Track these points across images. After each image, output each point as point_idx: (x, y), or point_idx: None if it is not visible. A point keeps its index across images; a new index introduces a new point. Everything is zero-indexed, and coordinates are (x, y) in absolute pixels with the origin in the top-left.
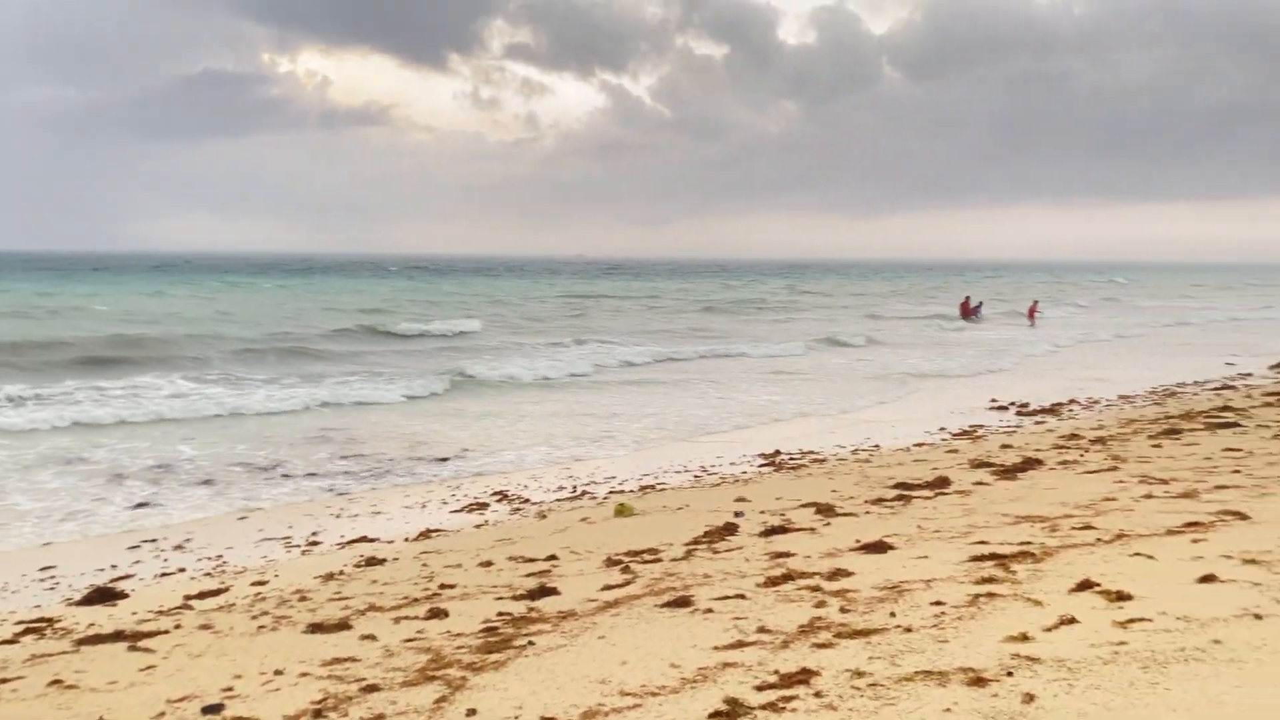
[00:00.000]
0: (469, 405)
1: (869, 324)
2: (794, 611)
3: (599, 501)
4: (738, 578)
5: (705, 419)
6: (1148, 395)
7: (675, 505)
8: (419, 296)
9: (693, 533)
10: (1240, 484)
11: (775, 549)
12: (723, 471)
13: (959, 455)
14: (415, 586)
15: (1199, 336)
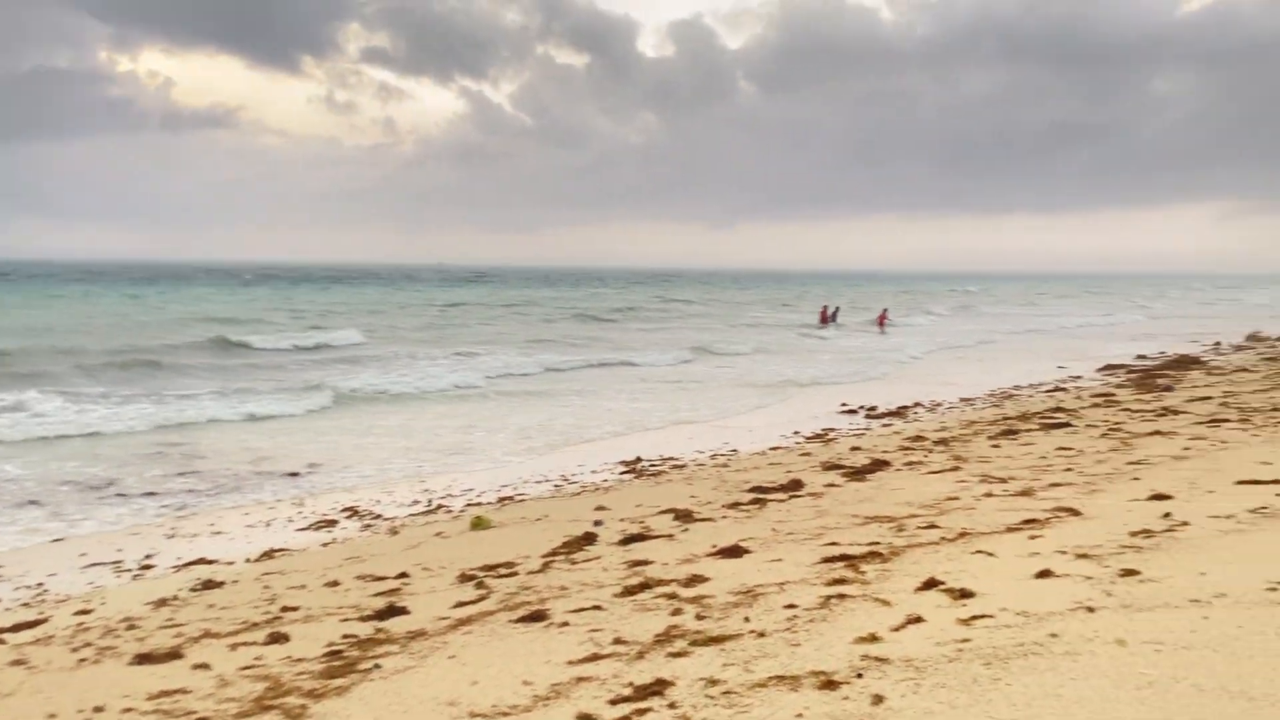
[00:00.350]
0: (325, 419)
1: (743, 332)
2: (650, 620)
3: (455, 515)
4: (595, 588)
5: (571, 428)
6: (987, 398)
7: (534, 516)
8: (275, 306)
9: (551, 544)
10: (1072, 481)
11: (633, 557)
12: (584, 480)
13: (812, 458)
14: (255, 610)
15: (1042, 342)
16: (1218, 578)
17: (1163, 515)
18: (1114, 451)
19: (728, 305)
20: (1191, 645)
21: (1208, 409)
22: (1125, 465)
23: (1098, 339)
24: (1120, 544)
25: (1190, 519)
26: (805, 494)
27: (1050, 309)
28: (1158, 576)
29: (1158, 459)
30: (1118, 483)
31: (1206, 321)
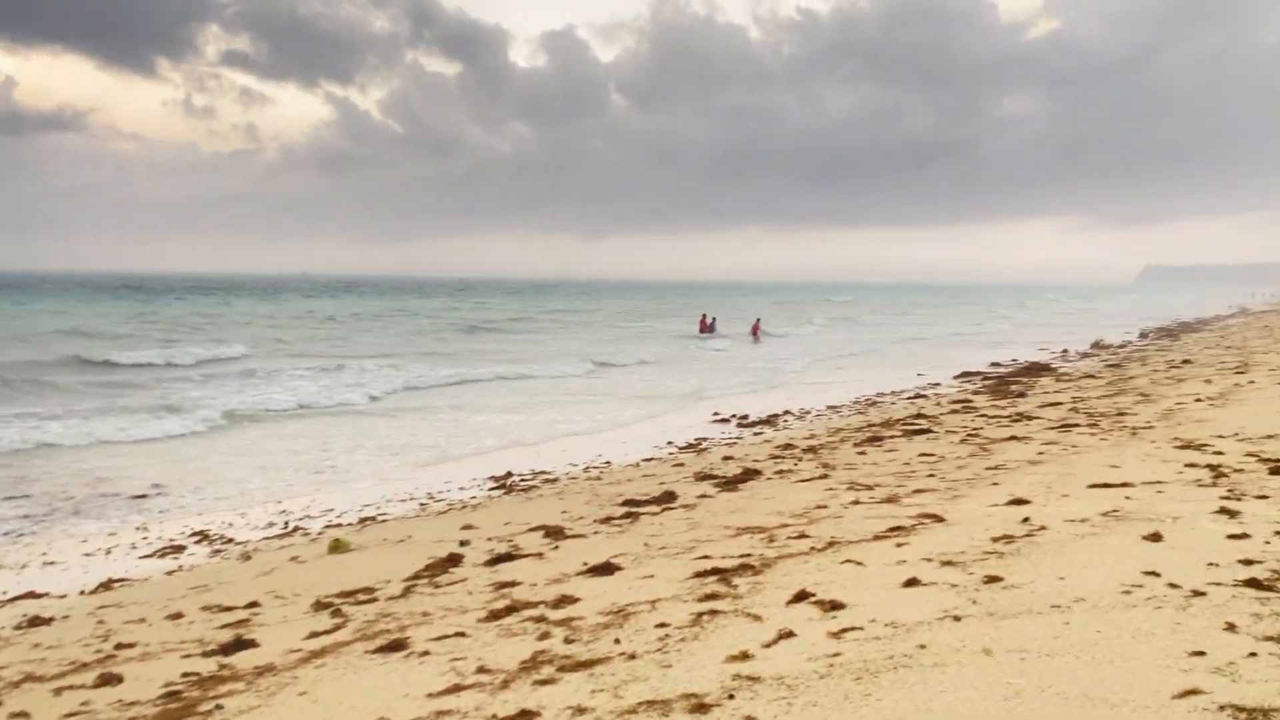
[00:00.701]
0: (185, 438)
1: (631, 343)
2: (517, 646)
3: (313, 538)
4: (459, 613)
5: (444, 443)
6: (853, 405)
7: (397, 537)
8: (131, 318)
9: (414, 566)
10: (935, 487)
11: (501, 578)
12: (451, 498)
13: (685, 469)
14: (86, 649)
15: (908, 350)
16: (1075, 582)
17: (1022, 520)
18: (973, 457)
19: (609, 316)
20: (1054, 652)
21: (1058, 414)
22: (985, 470)
23: (959, 347)
24: (983, 550)
25: (1048, 523)
26: (678, 506)
27: (921, 319)
28: (1020, 582)
29: (1015, 464)
30: (978, 488)
31: (1058, 330)
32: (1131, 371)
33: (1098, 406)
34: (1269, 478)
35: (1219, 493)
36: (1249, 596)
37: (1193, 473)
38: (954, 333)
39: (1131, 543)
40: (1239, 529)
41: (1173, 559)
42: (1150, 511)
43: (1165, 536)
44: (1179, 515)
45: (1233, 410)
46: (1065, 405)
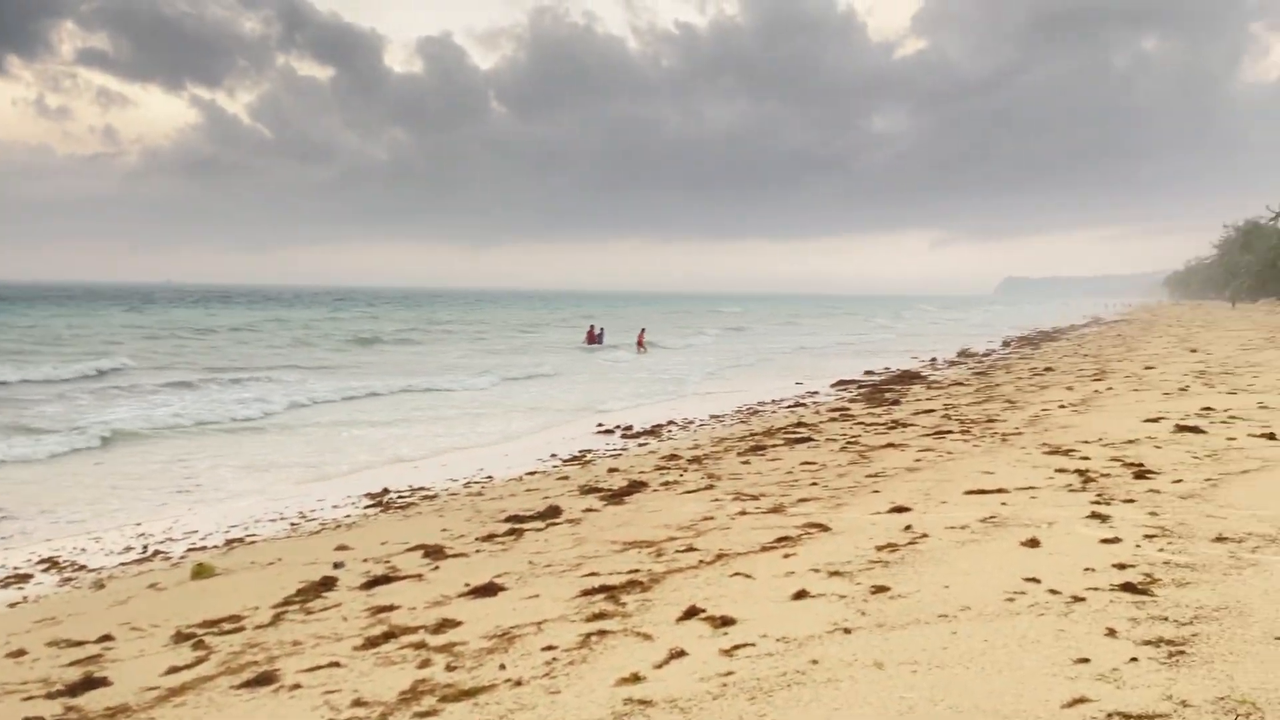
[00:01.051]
0: (28, 462)
1: (525, 354)
2: (395, 676)
3: (174, 562)
4: (333, 641)
5: (318, 461)
6: (735, 414)
7: (266, 560)
8: None
9: (284, 591)
10: (818, 495)
11: (378, 603)
12: (324, 517)
13: (569, 481)
14: None
15: (790, 360)
16: (960, 590)
17: (904, 528)
18: (854, 465)
19: (496, 327)
20: (944, 663)
21: (932, 421)
22: (865, 478)
23: (838, 357)
24: (869, 559)
25: (929, 530)
26: (563, 521)
27: (807, 329)
28: (906, 592)
29: (894, 471)
30: (860, 496)
31: (928, 339)
32: (997, 379)
33: (968, 413)
34: (1134, 482)
35: (1089, 497)
36: (1125, 601)
37: (1063, 478)
38: (839, 342)
39: (1010, 549)
40: (1110, 533)
41: (1051, 565)
42: (1026, 517)
43: (1042, 542)
44: (1054, 521)
45: (1094, 416)
46: (938, 412)
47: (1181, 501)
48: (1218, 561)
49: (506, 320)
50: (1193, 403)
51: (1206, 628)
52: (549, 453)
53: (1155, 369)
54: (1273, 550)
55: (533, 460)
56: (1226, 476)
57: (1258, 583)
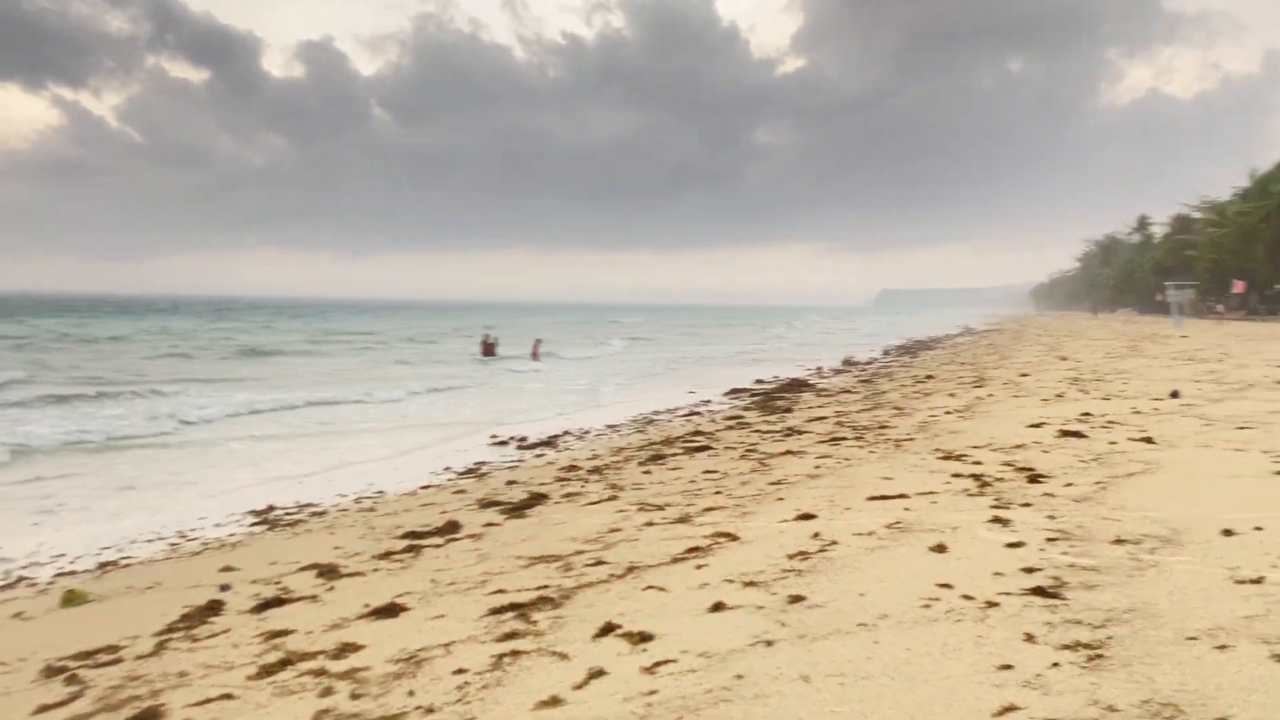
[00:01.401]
0: None
1: (415, 367)
2: (295, 707)
3: (41, 589)
4: (224, 670)
5: (199, 477)
6: (631, 423)
7: (144, 584)
8: None
9: (166, 618)
10: (723, 504)
11: (271, 627)
12: (206, 536)
13: (466, 495)
14: None
15: (686, 369)
16: (876, 598)
17: (812, 535)
18: (755, 473)
19: (386, 338)
20: (870, 674)
21: (825, 428)
22: (768, 486)
23: (730, 366)
24: (781, 568)
25: (837, 537)
26: (464, 536)
27: (707, 339)
28: (823, 601)
29: (795, 478)
30: (765, 504)
31: (815, 349)
32: (883, 386)
33: (860, 420)
34: (1028, 486)
35: (988, 501)
36: (1038, 605)
37: (960, 483)
38: (737, 351)
39: (919, 554)
40: (1014, 537)
41: (961, 570)
42: (930, 522)
43: (949, 547)
44: (957, 525)
45: (981, 422)
46: (831, 419)
47: (1076, 505)
48: (1120, 564)
49: (396, 330)
50: (1071, 408)
51: (1120, 630)
52: (442, 466)
53: (1030, 376)
54: (1169, 551)
55: (425, 474)
56: (1114, 479)
57: (1161, 584)
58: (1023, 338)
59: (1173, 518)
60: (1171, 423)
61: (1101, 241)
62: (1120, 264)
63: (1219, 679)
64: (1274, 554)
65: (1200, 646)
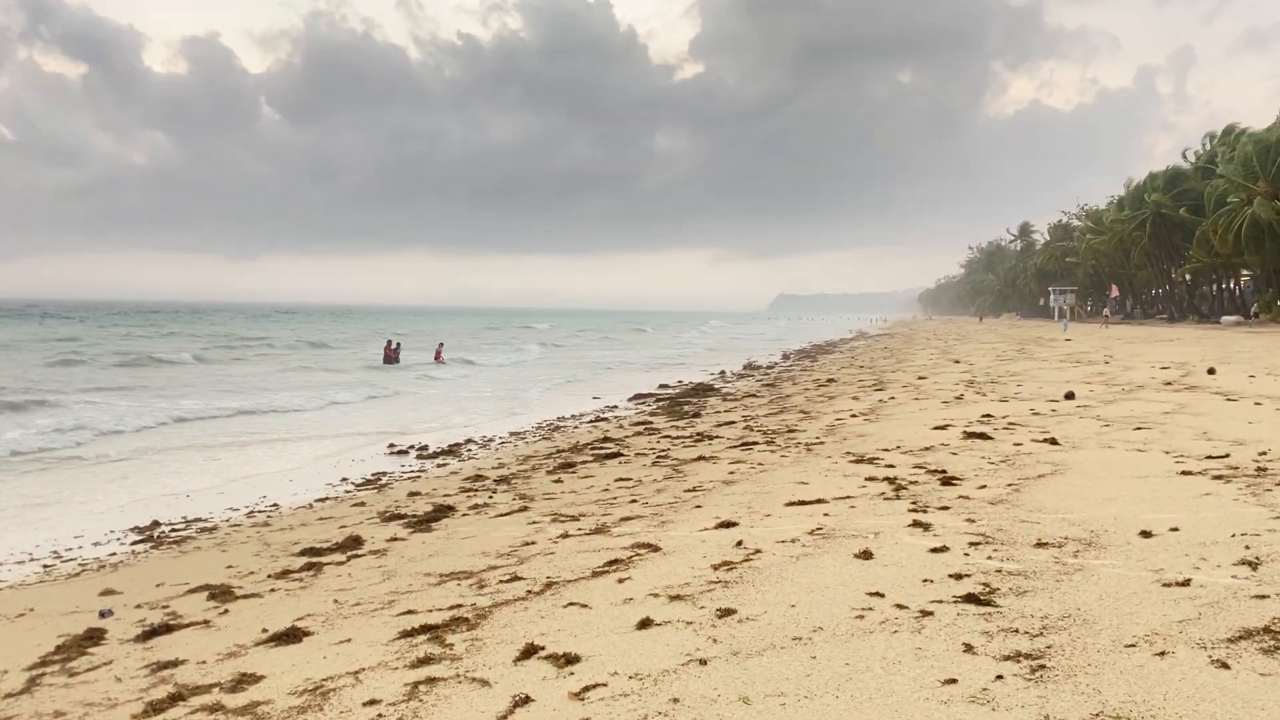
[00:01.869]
0: None
1: (309, 374)
2: None
3: None
4: (107, 709)
5: (73, 491)
6: (536, 430)
7: (14, 611)
8: None
9: (40, 649)
10: (640, 513)
11: (159, 657)
12: (83, 556)
13: (367, 508)
14: None
15: (589, 375)
16: (808, 609)
17: (735, 544)
18: (669, 480)
19: (279, 344)
20: (812, 693)
21: (735, 433)
22: (684, 493)
23: (631, 371)
24: (707, 580)
25: (761, 545)
26: (366, 552)
27: (613, 344)
28: (754, 614)
29: (710, 484)
30: (682, 512)
31: (717, 354)
32: (786, 390)
33: (769, 424)
34: (943, 489)
35: (905, 505)
36: (972, 613)
37: (875, 486)
38: (647, 356)
39: (845, 562)
40: (936, 542)
41: (889, 577)
42: (851, 528)
43: (875, 554)
44: (879, 530)
45: (886, 425)
46: (739, 424)
47: (992, 507)
48: (1046, 568)
49: (289, 335)
50: (971, 410)
51: (1058, 639)
52: (339, 477)
53: (928, 379)
54: (1092, 554)
55: (322, 485)
56: (1025, 481)
57: (1090, 588)
58: (914, 341)
59: (1089, 520)
60: (1071, 424)
61: (986, 248)
62: (1004, 270)
63: (1164, 688)
64: (1194, 555)
65: (1140, 654)
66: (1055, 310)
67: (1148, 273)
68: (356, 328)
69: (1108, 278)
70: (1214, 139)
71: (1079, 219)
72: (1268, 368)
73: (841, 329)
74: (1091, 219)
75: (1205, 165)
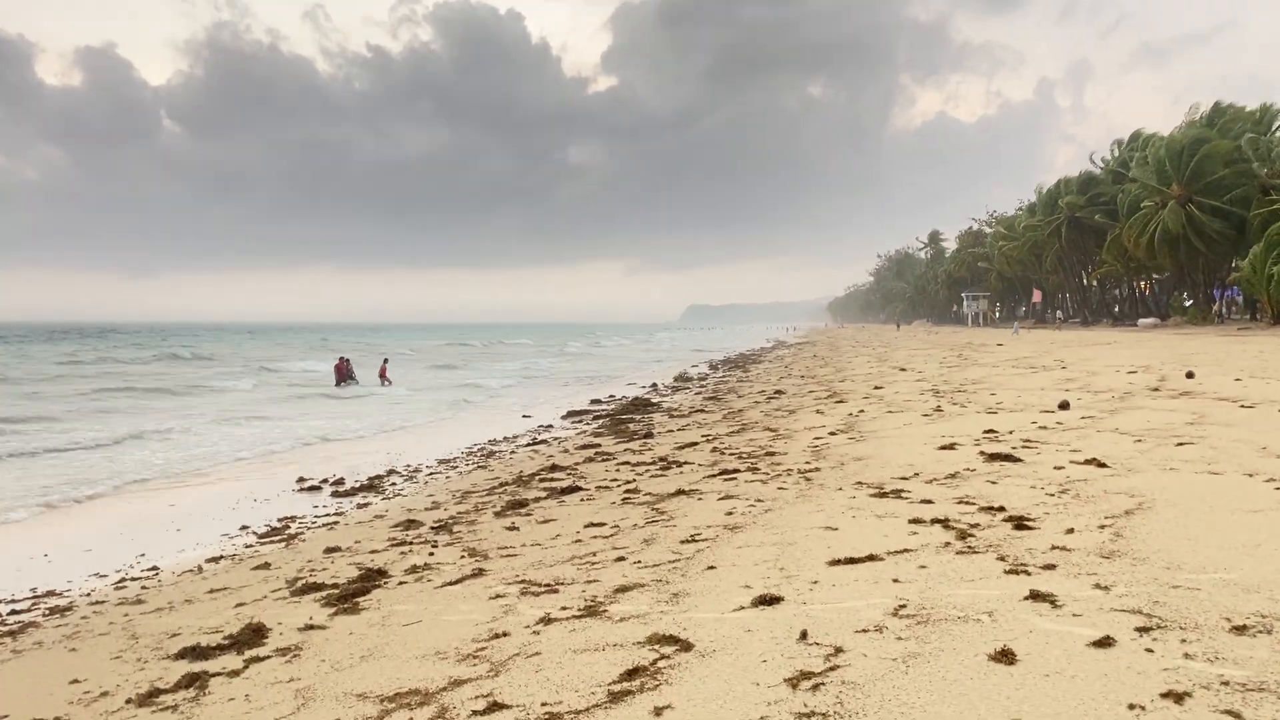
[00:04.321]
0: None
1: (209, 397)
2: None
3: None
4: None
5: None
6: (468, 457)
7: None
8: None
9: None
10: (638, 579)
11: None
12: None
13: (272, 572)
14: None
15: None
16: None
17: (798, 637)
18: (653, 524)
19: (183, 365)
20: None
21: (704, 457)
22: (681, 545)
23: (556, 385)
24: (790, 710)
25: (837, 639)
26: (272, 651)
27: (539, 357)
28: None
29: (710, 531)
30: (693, 576)
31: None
32: (736, 405)
33: (738, 445)
34: (1019, 534)
35: (992, 563)
36: None
37: (928, 532)
38: (579, 369)
39: (981, 670)
40: (1086, 628)
41: (1067, 700)
42: (946, 603)
43: (1016, 653)
44: (990, 609)
45: (878, 445)
46: (703, 446)
47: (1109, 563)
48: None
49: (191, 353)
50: (961, 424)
51: None
52: (238, 524)
53: (885, 389)
54: None
55: (215, 536)
56: (1115, 521)
57: None
58: (840, 349)
59: (1261, 579)
60: (1093, 440)
61: (895, 256)
62: (914, 277)
63: None
64: None
65: None
66: (969, 316)
67: (1059, 277)
68: (258, 344)
69: (1020, 283)
70: (1122, 145)
71: (989, 226)
72: (1245, 369)
73: (758, 338)
74: (1004, 225)
75: (1117, 169)
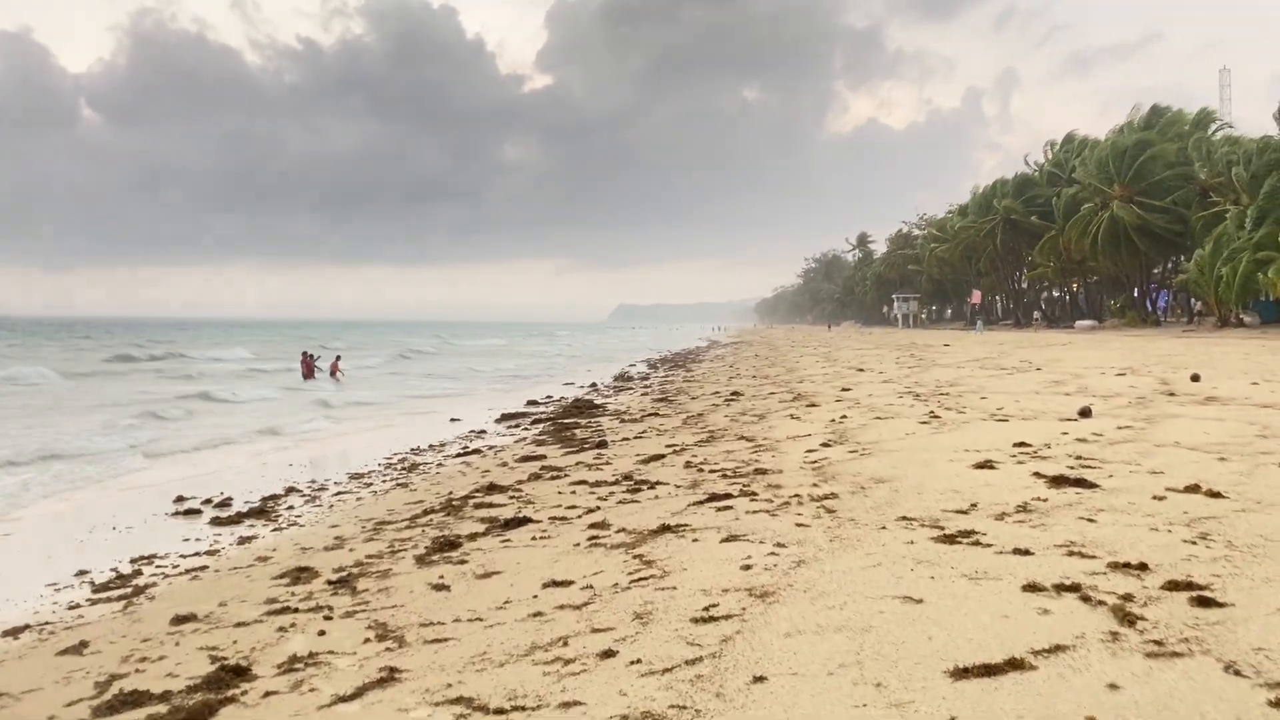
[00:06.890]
0: None
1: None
2: None
3: None
4: None
5: None
6: (386, 470)
7: None
8: None
9: None
10: (649, 706)
11: None
12: None
13: (82, 665)
14: None
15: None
16: None
17: None
18: (641, 584)
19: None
20: None
21: (678, 474)
22: (695, 627)
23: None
24: None
25: None
26: None
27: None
28: None
29: (731, 600)
30: (734, 697)
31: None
32: (692, 408)
33: (714, 459)
34: (1199, 612)
35: (1219, 682)
36: None
37: (1067, 611)
38: (510, 368)
39: None
40: None
41: None
42: None
43: None
44: None
45: (889, 461)
46: (672, 459)
47: None
48: None
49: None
50: (978, 436)
51: None
52: (76, 567)
53: (853, 391)
54: None
55: (40, 585)
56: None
57: None
58: (779, 349)
59: None
60: (1159, 456)
61: (823, 259)
62: (843, 279)
63: None
64: None
65: None
66: (899, 317)
67: (990, 279)
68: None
69: (950, 285)
70: (1055, 146)
71: (920, 228)
72: (1247, 372)
73: (689, 338)
74: (935, 227)
75: (1053, 170)
